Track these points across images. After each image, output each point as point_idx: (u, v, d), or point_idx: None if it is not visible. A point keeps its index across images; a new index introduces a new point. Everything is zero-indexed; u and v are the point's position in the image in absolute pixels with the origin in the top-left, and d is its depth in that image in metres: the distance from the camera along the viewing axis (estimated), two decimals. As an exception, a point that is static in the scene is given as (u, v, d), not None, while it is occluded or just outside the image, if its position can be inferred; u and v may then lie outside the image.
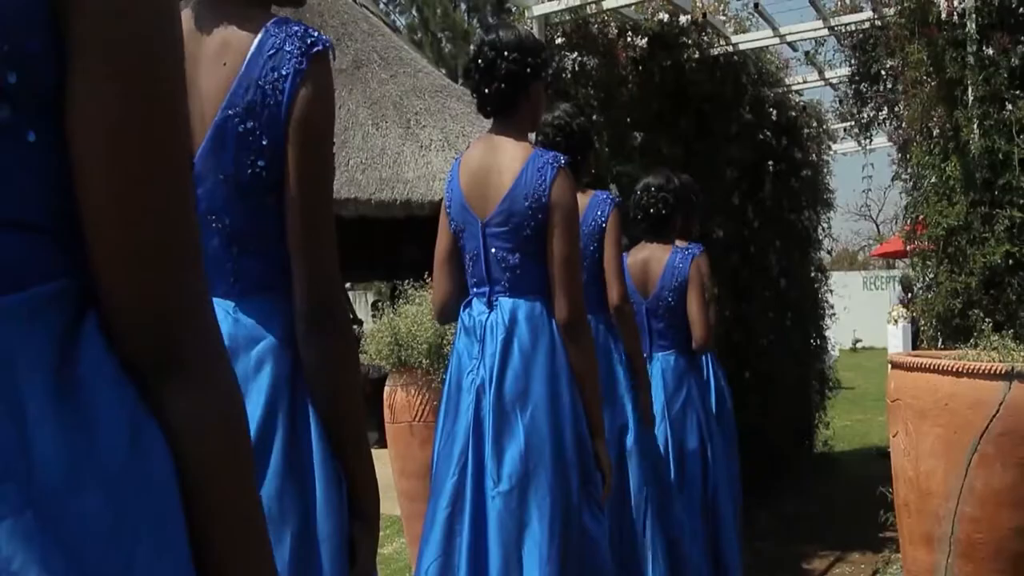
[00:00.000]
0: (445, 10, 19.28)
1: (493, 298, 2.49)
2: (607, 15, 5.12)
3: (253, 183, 1.38)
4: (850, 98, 5.49)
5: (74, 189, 0.69)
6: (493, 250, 2.48)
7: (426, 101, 9.71)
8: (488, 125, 2.62)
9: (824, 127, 7.07)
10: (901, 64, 4.20)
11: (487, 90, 2.54)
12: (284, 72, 1.33)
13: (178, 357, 0.74)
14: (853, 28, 5.24)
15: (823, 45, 5.74)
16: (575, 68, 4.90)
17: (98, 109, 0.68)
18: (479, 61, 2.56)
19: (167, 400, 0.73)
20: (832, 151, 7.53)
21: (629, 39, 5.23)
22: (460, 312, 2.60)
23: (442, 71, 11.76)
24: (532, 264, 2.45)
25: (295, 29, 1.34)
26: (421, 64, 10.76)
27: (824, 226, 7.48)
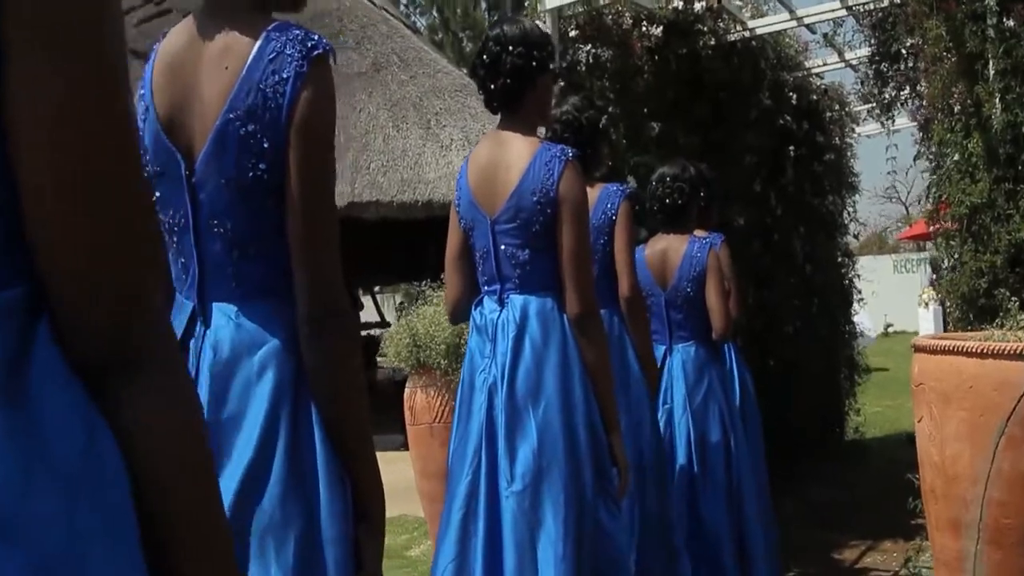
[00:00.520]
0: (465, 9, 19.30)
1: (504, 295, 2.48)
2: (621, 6, 5.08)
3: (254, 186, 1.38)
4: (870, 79, 5.40)
5: (17, 189, 0.67)
6: (503, 247, 2.46)
7: (446, 101, 9.72)
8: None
9: (847, 110, 6.97)
10: (920, 41, 4.13)
11: (493, 86, 2.52)
12: (285, 75, 1.34)
13: (132, 357, 0.73)
14: (872, 7, 5.15)
15: (841, 26, 5.65)
16: (588, 60, 4.86)
17: (39, 105, 0.66)
18: (484, 57, 2.54)
19: (122, 401, 0.72)
20: (856, 133, 7.43)
21: (644, 28, 5.18)
22: (472, 311, 2.59)
23: (463, 70, 11.74)
24: (542, 259, 2.43)
25: (296, 33, 1.36)
26: (441, 64, 10.76)
27: (850, 210, 7.38)
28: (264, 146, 1.35)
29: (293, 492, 1.35)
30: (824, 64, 6.25)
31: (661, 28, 5.15)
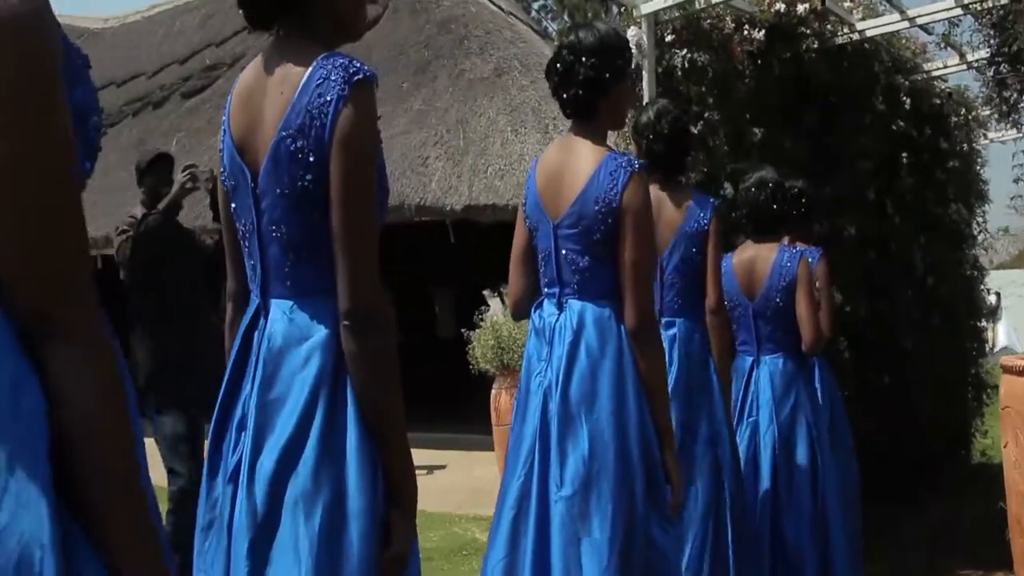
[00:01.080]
0: (596, 13, 19.27)
1: (563, 299, 2.48)
2: (720, 9, 4.99)
3: (303, 196, 1.56)
4: (990, 81, 5.11)
5: None
6: (564, 252, 2.47)
7: (565, 106, 9.73)
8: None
9: (973, 114, 6.61)
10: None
11: (565, 95, 2.52)
12: (329, 98, 1.51)
13: (56, 332, 0.89)
14: (990, 4, 4.86)
15: (957, 26, 5.36)
16: (684, 65, 4.79)
17: None
18: (557, 65, 2.54)
19: (48, 369, 0.88)
20: (987, 139, 7.03)
21: (746, 32, 5.07)
22: (532, 312, 2.61)
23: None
24: (602, 267, 2.42)
25: (341, 61, 1.53)
26: (562, 69, 10.78)
27: (979, 220, 6.99)
28: (311, 160, 1.53)
29: (325, 468, 1.50)
30: (945, 66, 5.95)
31: (763, 32, 5.03)
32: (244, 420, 1.63)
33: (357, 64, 1.54)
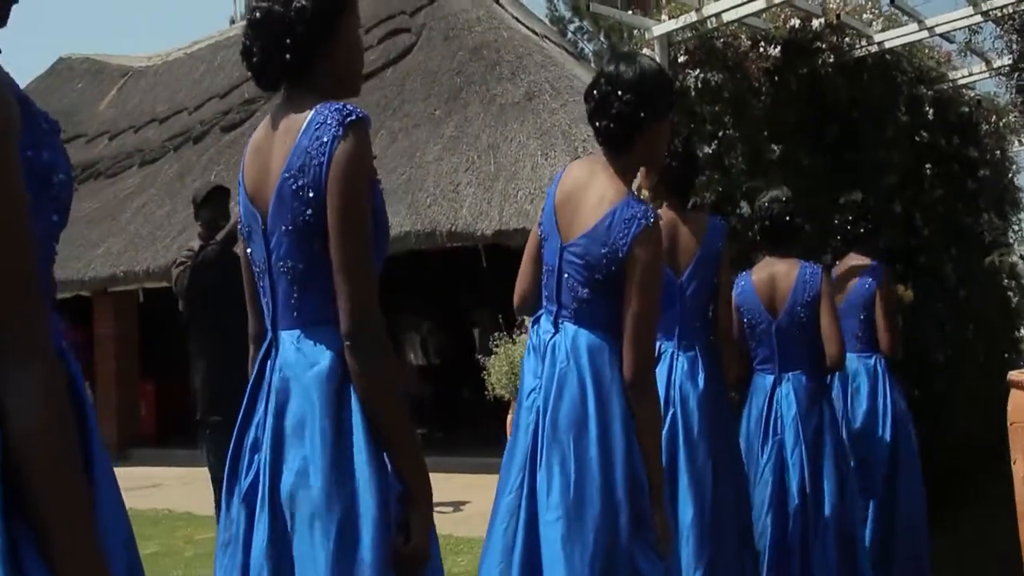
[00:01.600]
0: (632, 35, 19.28)
1: (559, 320, 2.47)
2: (735, 28, 4.99)
3: (305, 230, 1.70)
4: (1013, 87, 5.03)
5: None
6: (566, 275, 2.45)
7: (595, 128, 9.74)
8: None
9: (1004, 121, 6.49)
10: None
11: (598, 124, 2.49)
12: (325, 139, 1.67)
13: (5, 342, 0.99)
14: (1010, 10, 4.78)
15: (977, 33, 5.27)
16: (697, 85, 4.79)
17: None
18: (595, 92, 2.49)
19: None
20: (1022, 144, 6.90)
21: (761, 50, 5.06)
22: (530, 326, 2.61)
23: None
24: (601, 302, 2.40)
25: (337, 106, 1.70)
26: (592, 91, 10.81)
27: (1015, 228, 6.86)
28: (310, 195, 1.68)
29: (338, 485, 1.64)
30: (970, 74, 5.86)
31: (779, 48, 5.01)
32: (258, 443, 1.78)
33: (351, 108, 1.69)
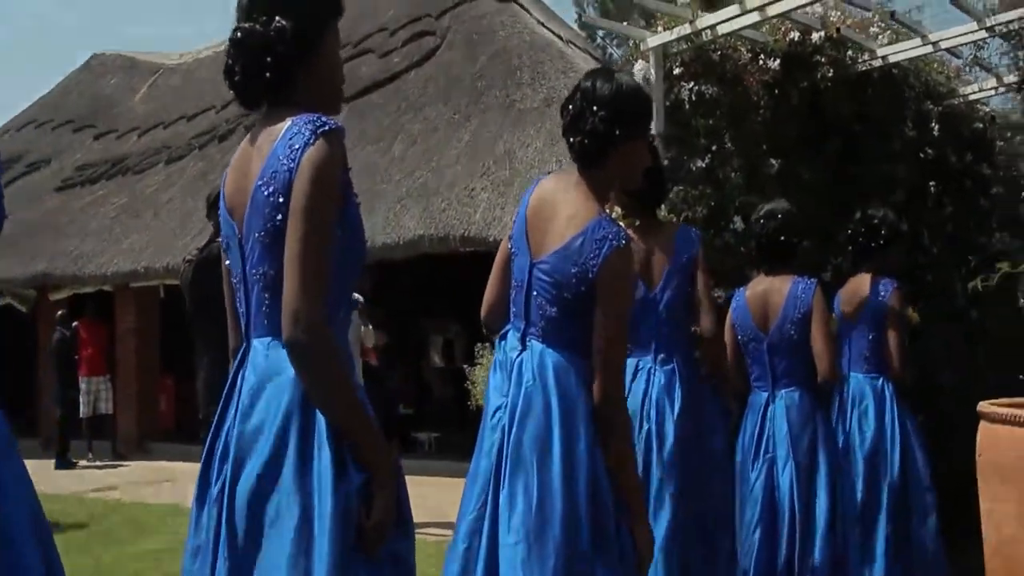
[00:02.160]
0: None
1: (527, 337, 2.42)
2: (733, 40, 4.91)
3: (276, 235, 1.71)
4: (1020, 104, 4.90)
5: None
6: (535, 293, 2.40)
7: (611, 134, 9.69)
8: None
9: (1020, 138, 6.34)
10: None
11: (571, 139, 2.43)
12: (296, 146, 1.69)
13: None
14: (1016, 26, 4.66)
15: (982, 49, 5.14)
16: (691, 98, 4.72)
17: None
18: (570, 107, 2.44)
19: None
20: (1037, 164, 6.73)
21: (761, 62, 4.98)
22: (496, 342, 2.57)
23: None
24: (569, 322, 2.35)
25: (312, 117, 1.72)
26: (612, 97, 10.76)
27: (1031, 247, 6.67)
28: (280, 200, 1.70)
29: (298, 488, 1.66)
30: (980, 89, 5.72)
31: (778, 61, 4.93)
32: (227, 449, 1.78)
33: (325, 119, 1.72)
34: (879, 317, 4.26)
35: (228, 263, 1.89)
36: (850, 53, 5.15)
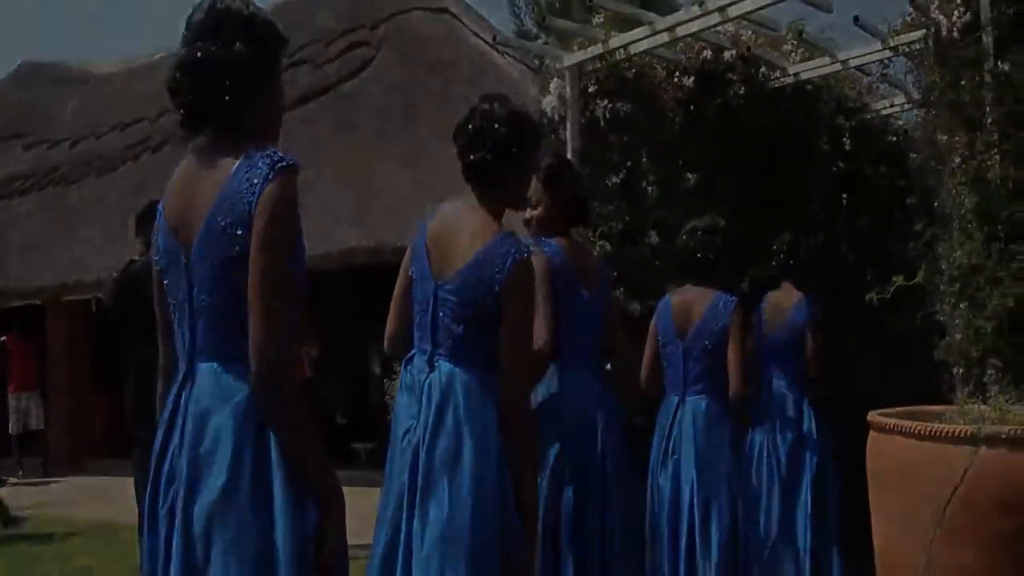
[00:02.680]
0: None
1: (434, 359, 2.47)
2: (649, 58, 5.01)
3: (231, 266, 1.75)
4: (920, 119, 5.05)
5: None
6: (441, 314, 2.46)
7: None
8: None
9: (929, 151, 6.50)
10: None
11: (472, 157, 2.51)
12: (255, 181, 1.75)
13: None
14: (918, 47, 4.81)
15: (887, 67, 5.30)
16: (606, 115, 4.81)
17: None
18: (468, 126, 2.52)
19: None
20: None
21: (676, 80, 5.09)
22: (403, 367, 2.61)
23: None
24: (476, 338, 2.42)
25: (268, 152, 1.78)
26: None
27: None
28: (238, 233, 1.74)
29: (254, 514, 1.71)
30: (891, 105, 5.88)
31: (692, 79, 5.04)
32: (173, 474, 1.81)
33: (281, 155, 1.78)
34: (798, 331, 4.68)
35: (166, 283, 1.91)
36: (763, 70, 5.27)
